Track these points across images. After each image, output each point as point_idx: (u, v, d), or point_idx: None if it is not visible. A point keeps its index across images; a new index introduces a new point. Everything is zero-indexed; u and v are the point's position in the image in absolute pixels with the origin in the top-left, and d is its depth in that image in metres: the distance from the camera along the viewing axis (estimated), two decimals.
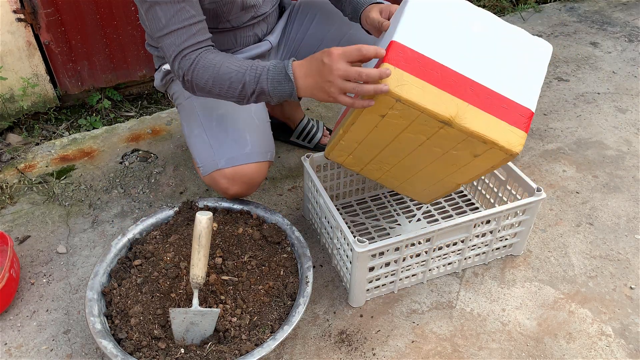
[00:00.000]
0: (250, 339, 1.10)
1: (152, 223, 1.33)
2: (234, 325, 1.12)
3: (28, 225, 1.54)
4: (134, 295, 1.16)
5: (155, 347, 1.09)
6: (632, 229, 1.55)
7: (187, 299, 1.15)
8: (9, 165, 1.76)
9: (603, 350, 1.23)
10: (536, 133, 1.94)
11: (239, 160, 1.27)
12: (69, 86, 1.98)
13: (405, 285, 1.36)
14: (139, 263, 1.23)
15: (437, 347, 1.23)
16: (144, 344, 1.08)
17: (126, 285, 1.18)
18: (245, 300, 1.17)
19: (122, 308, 1.15)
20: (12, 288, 1.31)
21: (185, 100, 1.39)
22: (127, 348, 1.08)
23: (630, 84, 2.22)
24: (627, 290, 1.37)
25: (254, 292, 1.18)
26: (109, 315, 1.16)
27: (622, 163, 1.79)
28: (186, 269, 1.19)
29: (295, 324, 1.10)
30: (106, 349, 1.05)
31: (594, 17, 2.76)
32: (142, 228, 1.32)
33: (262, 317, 1.14)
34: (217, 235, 1.28)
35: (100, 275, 1.20)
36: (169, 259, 1.21)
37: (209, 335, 1.12)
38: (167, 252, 1.23)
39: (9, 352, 1.22)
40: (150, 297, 1.16)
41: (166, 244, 1.25)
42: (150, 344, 1.09)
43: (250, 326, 1.13)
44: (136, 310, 1.13)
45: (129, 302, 1.15)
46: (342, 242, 1.28)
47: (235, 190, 1.31)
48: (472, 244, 1.34)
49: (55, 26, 1.83)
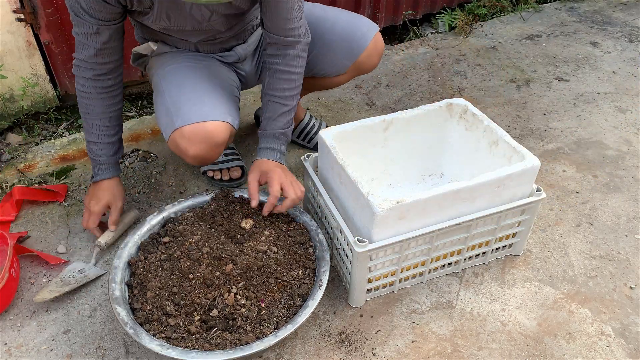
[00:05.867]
0: (254, 331, 1.11)
1: (188, 205, 1.38)
2: (242, 315, 1.14)
3: (28, 225, 1.54)
4: (156, 270, 1.20)
5: (165, 322, 1.12)
6: (632, 229, 1.55)
7: (203, 283, 1.16)
8: (9, 165, 1.76)
9: (603, 350, 1.23)
10: (536, 133, 1.94)
11: (196, 117, 1.25)
12: (69, 86, 1.98)
13: (405, 285, 1.36)
14: (167, 240, 1.27)
15: (437, 347, 1.23)
16: (155, 317, 1.12)
17: (151, 259, 1.23)
18: (257, 293, 1.18)
19: (143, 280, 1.19)
20: (12, 288, 1.31)
21: (153, 77, 1.42)
22: (139, 318, 1.13)
23: (630, 84, 2.22)
24: (627, 290, 1.37)
25: (267, 287, 1.19)
26: (130, 285, 1.21)
27: (622, 163, 1.79)
28: (207, 254, 1.21)
29: (300, 324, 1.11)
30: (119, 315, 1.11)
31: (594, 17, 2.76)
32: (178, 208, 1.37)
33: (270, 313, 1.16)
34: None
35: (129, 247, 1.26)
36: (193, 241, 1.23)
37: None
38: (194, 235, 1.25)
39: (9, 352, 1.22)
40: (169, 274, 1.19)
41: (195, 227, 1.28)
42: (161, 319, 1.13)
43: (256, 319, 1.14)
44: (154, 284, 1.17)
45: (149, 276, 1.19)
46: (342, 242, 1.28)
47: (195, 151, 1.27)
48: (472, 243, 1.34)
49: (55, 26, 1.83)
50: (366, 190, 1.17)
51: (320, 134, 1.34)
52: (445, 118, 1.49)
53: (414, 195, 1.16)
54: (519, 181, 1.27)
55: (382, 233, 1.18)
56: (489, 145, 1.41)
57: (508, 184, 1.25)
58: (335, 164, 1.28)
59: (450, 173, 1.58)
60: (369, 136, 1.43)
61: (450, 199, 1.21)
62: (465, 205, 1.24)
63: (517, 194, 1.30)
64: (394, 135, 1.46)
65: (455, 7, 2.77)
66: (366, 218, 1.18)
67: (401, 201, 1.15)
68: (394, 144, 1.48)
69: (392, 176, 1.56)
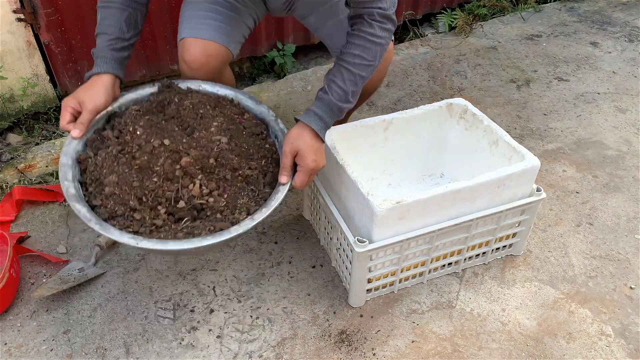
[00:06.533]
0: (224, 219, 1.09)
1: (132, 98, 1.28)
2: (209, 205, 1.11)
3: (28, 225, 1.54)
4: (110, 165, 1.14)
5: (130, 217, 1.08)
6: (632, 229, 1.55)
7: (164, 176, 1.12)
8: (9, 165, 1.76)
9: (603, 350, 1.23)
10: (536, 133, 1.94)
11: (196, 33, 1.33)
12: (69, 86, 1.97)
13: (405, 285, 1.36)
14: (116, 135, 1.19)
15: (437, 347, 1.23)
16: (118, 212, 1.08)
17: (102, 155, 1.15)
18: (220, 185, 1.14)
19: (97, 177, 1.13)
20: (12, 288, 1.31)
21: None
22: (102, 215, 1.07)
23: (630, 84, 2.22)
24: (627, 290, 1.37)
25: (232, 178, 1.16)
26: (83, 183, 1.14)
27: (622, 163, 1.79)
28: (162, 147, 1.16)
29: (274, 208, 1.09)
30: (79, 212, 1.05)
31: (594, 17, 2.76)
32: (122, 102, 1.27)
33: (239, 202, 1.13)
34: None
35: (74, 144, 1.16)
36: (144, 135, 1.18)
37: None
38: (144, 128, 1.19)
39: (9, 352, 1.22)
40: (126, 169, 1.13)
41: (143, 120, 1.21)
42: (125, 214, 1.08)
43: (226, 208, 1.12)
44: (111, 180, 1.11)
45: (104, 172, 1.13)
46: (342, 242, 1.28)
47: (190, 56, 1.33)
48: (472, 243, 1.34)
49: (55, 26, 1.83)
50: (366, 190, 1.17)
51: None
52: (445, 118, 1.49)
53: (414, 195, 1.16)
54: (519, 181, 1.27)
55: (382, 233, 1.18)
56: (489, 145, 1.41)
57: (508, 184, 1.25)
58: (335, 164, 1.28)
59: (450, 173, 1.58)
60: (369, 136, 1.43)
61: (450, 199, 1.21)
62: (465, 205, 1.24)
63: (517, 194, 1.30)
64: (394, 135, 1.46)
65: (455, 7, 2.77)
66: (366, 218, 1.18)
67: (401, 201, 1.15)
68: (394, 144, 1.48)
69: (392, 176, 1.56)
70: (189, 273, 1.40)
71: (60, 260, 1.42)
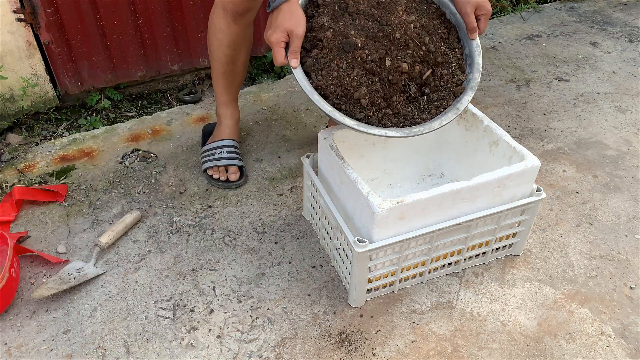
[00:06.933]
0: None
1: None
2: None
3: (28, 225, 1.54)
4: (335, 51, 1.23)
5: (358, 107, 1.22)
6: (632, 229, 1.55)
7: (388, 81, 1.24)
8: (9, 165, 1.76)
9: (603, 350, 1.23)
10: (536, 133, 1.94)
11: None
12: (69, 86, 1.98)
13: (405, 285, 1.36)
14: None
15: (437, 347, 1.23)
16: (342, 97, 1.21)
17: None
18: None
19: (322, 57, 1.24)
20: (12, 288, 1.31)
21: None
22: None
23: (630, 84, 2.22)
24: (627, 290, 1.37)
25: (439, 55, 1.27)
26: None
27: (622, 163, 1.79)
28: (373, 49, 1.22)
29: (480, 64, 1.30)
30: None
31: (594, 17, 2.76)
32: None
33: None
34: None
35: (299, 70, 1.25)
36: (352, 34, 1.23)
37: None
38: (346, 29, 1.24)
39: (9, 352, 1.22)
40: (346, 67, 1.21)
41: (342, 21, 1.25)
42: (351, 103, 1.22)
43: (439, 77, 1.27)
44: (335, 65, 1.23)
45: (328, 58, 1.24)
46: (342, 242, 1.28)
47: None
48: (472, 243, 1.34)
49: (55, 26, 1.83)
50: (366, 190, 1.17)
51: (320, 134, 1.34)
52: None
53: (414, 195, 1.16)
54: (519, 181, 1.27)
55: (382, 233, 1.18)
56: (489, 145, 1.41)
57: (508, 184, 1.25)
58: (335, 164, 1.28)
59: (450, 173, 1.58)
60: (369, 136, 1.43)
61: (450, 199, 1.21)
62: (465, 205, 1.24)
63: (517, 194, 1.30)
64: None
65: None
66: (366, 218, 1.18)
67: (401, 201, 1.15)
68: (394, 144, 1.48)
69: (392, 176, 1.56)
70: (189, 273, 1.40)
71: (60, 260, 1.42)
